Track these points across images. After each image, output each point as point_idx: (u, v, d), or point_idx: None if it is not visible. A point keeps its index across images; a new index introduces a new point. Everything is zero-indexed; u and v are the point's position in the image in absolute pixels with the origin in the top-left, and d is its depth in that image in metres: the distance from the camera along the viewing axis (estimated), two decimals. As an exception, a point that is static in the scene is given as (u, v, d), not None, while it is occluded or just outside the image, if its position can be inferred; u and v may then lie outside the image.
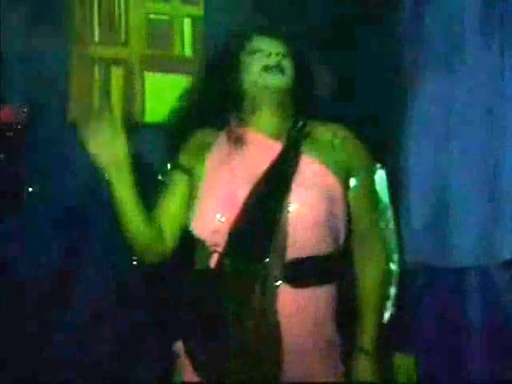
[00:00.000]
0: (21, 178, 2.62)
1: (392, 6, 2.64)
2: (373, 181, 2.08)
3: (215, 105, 2.06)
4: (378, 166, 2.14)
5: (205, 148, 2.08)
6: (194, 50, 2.80)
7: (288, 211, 1.93)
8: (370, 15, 2.70)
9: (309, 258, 1.94)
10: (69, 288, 2.74)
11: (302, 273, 1.94)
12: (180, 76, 2.80)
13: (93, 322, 2.74)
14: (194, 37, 2.80)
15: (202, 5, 2.80)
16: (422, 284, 2.51)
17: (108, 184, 2.01)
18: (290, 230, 1.93)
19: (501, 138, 2.53)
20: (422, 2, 2.64)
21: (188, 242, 2.06)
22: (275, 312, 1.92)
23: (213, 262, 1.98)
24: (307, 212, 1.93)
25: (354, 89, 2.65)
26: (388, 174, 2.17)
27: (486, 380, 2.58)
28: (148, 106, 2.77)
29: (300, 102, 2.05)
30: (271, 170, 1.99)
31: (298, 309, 1.93)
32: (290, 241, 1.93)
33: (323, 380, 1.94)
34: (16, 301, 2.67)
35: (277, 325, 1.92)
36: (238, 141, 2.05)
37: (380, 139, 2.57)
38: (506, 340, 2.55)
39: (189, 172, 2.08)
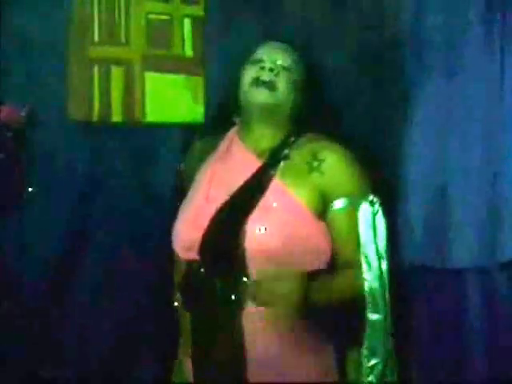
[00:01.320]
0: (21, 178, 2.62)
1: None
2: (356, 208, 2.00)
3: (217, 116, 2.07)
4: (371, 197, 2.05)
5: (202, 157, 2.09)
6: (194, 50, 2.80)
7: (248, 232, 1.93)
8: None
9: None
10: (69, 288, 2.74)
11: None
12: (180, 76, 2.79)
13: (92, 324, 2.74)
14: (194, 37, 2.79)
15: (202, 5, 2.80)
16: (421, 285, 2.50)
17: None
18: (250, 250, 1.93)
19: (501, 139, 2.53)
20: (422, 4, 2.64)
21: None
22: (240, 328, 1.94)
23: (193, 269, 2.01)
24: (266, 235, 1.93)
25: (354, 90, 2.64)
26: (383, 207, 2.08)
27: (485, 380, 2.58)
28: (148, 105, 2.77)
29: (297, 118, 2.03)
30: (241, 188, 2.00)
31: (262, 325, 1.93)
32: (250, 262, 1.93)
33: None
34: (15, 301, 2.67)
35: (240, 342, 1.96)
36: (225, 155, 2.05)
37: (380, 141, 2.58)
38: (505, 340, 2.55)
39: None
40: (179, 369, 2.19)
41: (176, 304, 2.17)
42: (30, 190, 2.63)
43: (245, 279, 1.94)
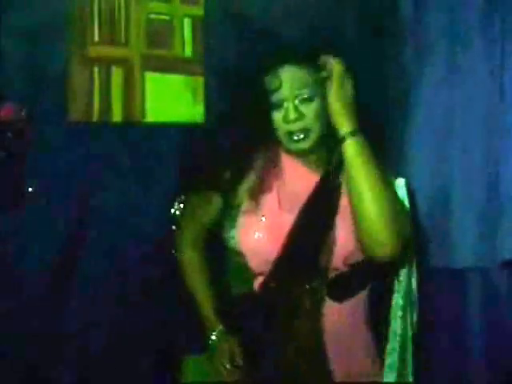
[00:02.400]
0: (21, 178, 2.62)
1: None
2: None
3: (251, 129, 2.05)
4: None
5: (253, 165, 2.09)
6: (194, 50, 2.80)
7: (331, 242, 1.96)
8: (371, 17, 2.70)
9: (347, 271, 1.98)
10: (69, 288, 2.74)
11: (343, 286, 2.00)
12: (180, 76, 2.80)
13: (92, 325, 2.74)
14: (194, 37, 2.80)
15: (202, 5, 2.80)
16: (422, 285, 2.50)
17: None
18: (334, 256, 1.96)
19: (501, 139, 2.53)
20: (422, 4, 2.64)
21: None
22: (322, 331, 1.97)
23: (256, 284, 2.00)
24: (349, 243, 1.95)
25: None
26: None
27: (485, 380, 2.58)
28: (148, 105, 2.77)
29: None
30: (314, 199, 2.00)
31: (342, 322, 1.98)
32: (332, 265, 1.97)
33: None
34: (15, 301, 2.66)
35: (321, 341, 1.97)
36: (274, 165, 2.05)
37: (381, 142, 2.57)
38: (506, 340, 2.56)
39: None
40: (193, 368, 2.18)
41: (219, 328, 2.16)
42: (29, 189, 2.62)
43: (322, 282, 1.97)
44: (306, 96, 1.97)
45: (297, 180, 2.04)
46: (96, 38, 2.74)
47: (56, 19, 2.69)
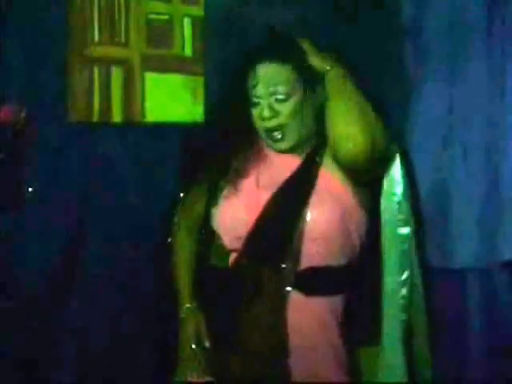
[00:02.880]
0: (21, 178, 2.62)
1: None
2: None
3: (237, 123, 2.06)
4: None
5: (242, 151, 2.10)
6: (194, 50, 2.80)
7: (304, 222, 1.93)
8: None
9: (322, 268, 1.96)
10: (69, 288, 2.73)
11: (315, 282, 1.97)
12: (180, 76, 2.79)
13: (93, 321, 2.74)
14: (194, 37, 2.80)
15: (202, 5, 2.80)
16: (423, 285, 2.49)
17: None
18: (305, 239, 1.94)
19: (502, 139, 2.53)
20: (423, 4, 2.64)
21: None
22: (284, 316, 1.94)
23: (231, 259, 2.01)
24: (322, 224, 1.95)
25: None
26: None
27: (486, 380, 2.58)
28: (148, 105, 2.77)
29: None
30: (290, 181, 2.01)
31: (307, 316, 1.95)
32: (304, 250, 1.95)
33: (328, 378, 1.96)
34: (15, 301, 2.66)
35: (283, 330, 1.94)
36: (259, 150, 2.07)
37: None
38: (506, 340, 2.56)
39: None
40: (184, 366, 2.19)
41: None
42: (30, 189, 2.62)
43: (293, 268, 1.95)
44: (281, 94, 1.97)
45: (278, 162, 2.05)
46: (96, 38, 2.74)
47: (56, 19, 2.69)
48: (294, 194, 1.99)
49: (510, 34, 2.53)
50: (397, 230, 2.02)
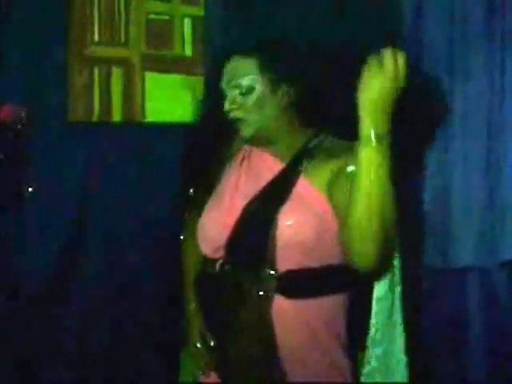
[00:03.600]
0: (21, 178, 2.62)
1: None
2: None
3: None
4: None
5: (229, 158, 2.11)
6: (194, 50, 2.80)
7: (276, 228, 1.93)
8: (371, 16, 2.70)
9: (302, 271, 1.95)
10: (69, 288, 2.74)
11: (295, 285, 1.96)
12: (180, 76, 2.80)
13: (93, 321, 2.74)
14: (194, 37, 2.80)
15: (202, 5, 2.80)
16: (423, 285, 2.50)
17: None
18: (280, 245, 1.93)
19: (502, 140, 2.54)
20: (423, 5, 2.64)
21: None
22: (269, 321, 1.94)
23: (217, 265, 2.01)
24: (294, 230, 1.93)
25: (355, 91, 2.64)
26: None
27: (486, 380, 2.59)
28: (148, 105, 2.77)
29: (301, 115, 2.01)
30: (268, 187, 2.01)
31: (293, 319, 1.94)
32: (280, 255, 1.93)
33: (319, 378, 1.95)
34: (15, 301, 2.66)
35: (270, 333, 1.94)
36: (245, 157, 2.07)
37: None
38: (505, 340, 2.56)
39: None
40: (185, 367, 2.19)
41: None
42: (29, 189, 2.63)
43: (272, 272, 1.95)
44: (243, 86, 1.97)
45: (261, 169, 2.05)
46: (96, 38, 2.74)
47: (56, 19, 2.69)
48: (269, 201, 1.98)
49: (510, 34, 2.53)
50: None
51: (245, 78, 1.97)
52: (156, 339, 2.73)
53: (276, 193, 1.99)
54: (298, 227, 1.93)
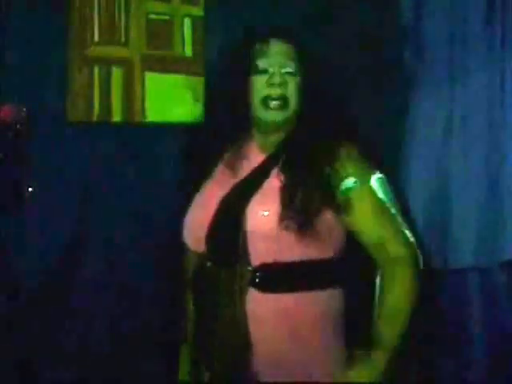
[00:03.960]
0: (21, 178, 2.62)
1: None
2: (367, 182, 1.97)
3: (226, 123, 2.06)
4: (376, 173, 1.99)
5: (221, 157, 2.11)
6: (194, 50, 2.80)
7: (249, 215, 1.94)
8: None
9: (276, 265, 1.93)
10: (69, 288, 2.74)
11: (270, 279, 1.94)
12: (180, 76, 2.80)
13: (93, 321, 2.74)
14: (193, 37, 2.80)
15: (202, 5, 2.80)
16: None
17: None
18: (250, 238, 1.93)
19: (502, 139, 2.53)
20: (422, 5, 2.64)
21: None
22: (243, 316, 1.93)
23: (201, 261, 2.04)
24: (266, 217, 1.92)
25: (356, 91, 2.64)
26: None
27: (486, 380, 2.58)
28: (148, 105, 2.77)
29: (304, 121, 2.02)
30: (245, 178, 2.02)
31: (269, 314, 1.93)
32: (252, 247, 1.92)
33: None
34: (15, 301, 2.66)
35: (245, 329, 1.94)
36: (236, 155, 2.07)
37: (381, 142, 2.58)
38: (505, 340, 2.56)
39: None
40: (184, 366, 2.20)
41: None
42: (30, 189, 2.63)
43: (249, 268, 1.95)
44: (290, 69, 2.00)
45: (244, 163, 2.05)
46: (96, 38, 2.74)
47: (56, 19, 2.69)
48: (241, 193, 1.99)
49: (510, 34, 2.53)
50: None
51: (292, 62, 2.00)
52: (156, 339, 2.73)
53: (249, 185, 1.99)
54: (266, 219, 1.92)
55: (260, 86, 2.00)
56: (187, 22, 2.80)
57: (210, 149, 2.13)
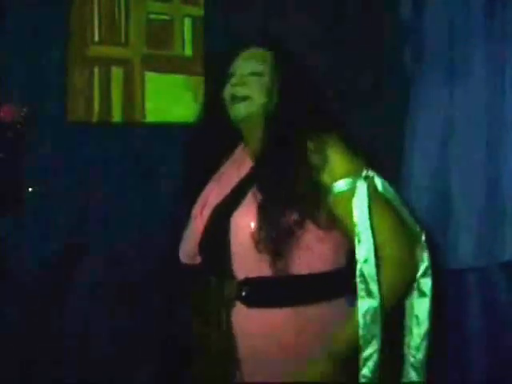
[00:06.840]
0: (21, 178, 2.62)
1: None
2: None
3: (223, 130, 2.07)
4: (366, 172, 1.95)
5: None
6: (194, 50, 2.80)
7: (232, 226, 1.92)
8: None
9: (261, 279, 1.91)
10: (69, 288, 2.74)
11: (255, 293, 1.91)
12: (180, 76, 2.80)
13: (93, 321, 2.74)
14: (194, 37, 2.80)
15: (201, 5, 2.80)
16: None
17: None
18: (234, 249, 1.91)
19: (502, 139, 2.53)
20: (422, 5, 2.64)
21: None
22: (230, 329, 1.92)
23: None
24: (246, 234, 1.89)
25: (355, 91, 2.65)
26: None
27: (486, 380, 2.58)
28: (148, 106, 2.77)
29: (282, 118, 2.01)
30: (234, 188, 2.01)
31: (256, 328, 1.91)
32: (236, 260, 1.91)
33: None
34: (15, 301, 2.67)
35: (230, 344, 1.92)
36: (232, 162, 2.07)
37: (381, 142, 2.58)
38: (505, 340, 2.56)
39: None
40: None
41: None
42: (29, 189, 2.63)
43: (234, 281, 1.93)
44: (256, 70, 2.02)
45: (237, 171, 2.05)
46: (96, 38, 2.74)
47: (56, 19, 2.69)
48: (227, 205, 1.98)
49: (510, 33, 2.53)
50: None
51: (259, 64, 2.03)
52: (156, 339, 2.73)
53: (235, 196, 1.98)
54: (248, 232, 1.88)
55: (227, 88, 2.04)
56: (187, 22, 2.80)
57: (208, 153, 2.12)
